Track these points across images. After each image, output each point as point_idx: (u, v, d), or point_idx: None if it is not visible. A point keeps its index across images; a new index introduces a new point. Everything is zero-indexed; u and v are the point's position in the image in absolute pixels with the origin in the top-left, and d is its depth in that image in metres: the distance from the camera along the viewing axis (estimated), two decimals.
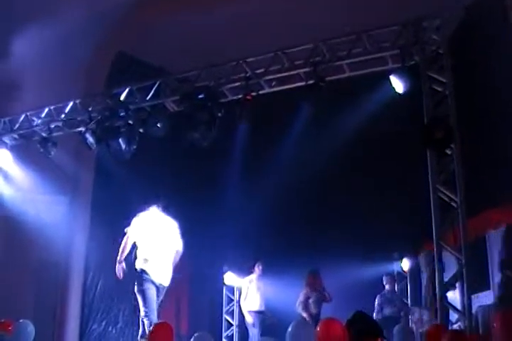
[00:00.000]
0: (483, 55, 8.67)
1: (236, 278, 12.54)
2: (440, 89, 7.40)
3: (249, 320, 10.68)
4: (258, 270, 10.89)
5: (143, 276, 7.36)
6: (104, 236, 10.27)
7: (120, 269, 7.42)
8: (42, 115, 10.03)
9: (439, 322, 6.85)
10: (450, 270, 7.16)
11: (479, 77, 8.75)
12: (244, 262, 11.69)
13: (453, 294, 7.15)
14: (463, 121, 7.29)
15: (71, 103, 9.82)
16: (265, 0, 10.00)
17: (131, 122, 9.27)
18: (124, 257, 7.47)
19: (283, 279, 11.09)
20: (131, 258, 7.58)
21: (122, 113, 9.24)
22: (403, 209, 10.67)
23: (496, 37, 8.32)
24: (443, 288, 6.85)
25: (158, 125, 9.05)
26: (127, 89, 9.39)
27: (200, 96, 8.70)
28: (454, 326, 7.78)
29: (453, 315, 7.32)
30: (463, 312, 6.70)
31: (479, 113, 8.65)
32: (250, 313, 10.72)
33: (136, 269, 7.44)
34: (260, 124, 9.78)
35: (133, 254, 7.58)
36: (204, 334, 9.89)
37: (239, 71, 8.75)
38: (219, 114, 8.70)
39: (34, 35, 10.30)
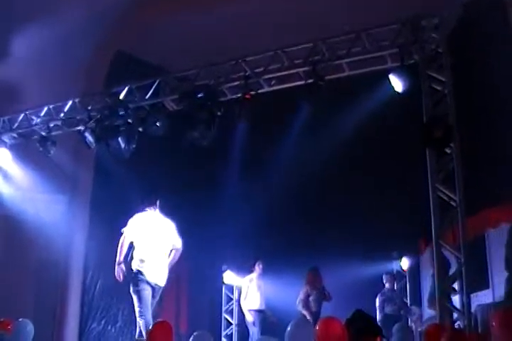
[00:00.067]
0: (482, 53, 8.67)
1: (235, 277, 12.55)
2: (439, 88, 7.39)
3: (249, 319, 10.69)
4: (258, 269, 10.89)
5: (138, 277, 7.37)
6: (103, 235, 10.26)
7: (119, 271, 7.42)
8: (41, 114, 10.02)
9: (439, 321, 6.84)
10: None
11: (478, 76, 8.75)
12: (243, 261, 11.70)
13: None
14: (462, 120, 7.29)
15: (70, 102, 9.81)
16: None
17: (130, 121, 9.26)
18: (123, 258, 7.48)
19: (283, 278, 11.11)
20: (128, 258, 7.59)
21: (121, 112, 9.23)
22: (402, 208, 10.68)
23: (495, 35, 8.32)
24: (444, 287, 6.86)
25: (157, 124, 9.04)
26: (126, 88, 9.38)
27: (199, 95, 8.70)
28: (453, 325, 7.80)
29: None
30: (462, 311, 6.70)
31: (479, 112, 8.64)
32: (250, 312, 10.73)
33: (132, 270, 7.45)
34: (259, 123, 9.78)
35: (130, 255, 7.59)
36: (203, 333, 9.89)
37: (238, 70, 8.74)
38: (218, 113, 8.69)
39: (33, 34, 10.30)
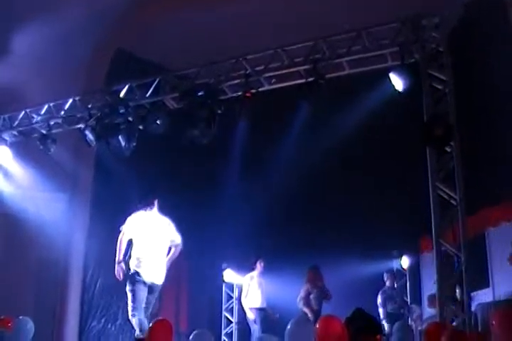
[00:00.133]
0: (482, 53, 8.67)
1: (235, 276, 12.55)
2: (440, 86, 7.39)
3: (250, 317, 10.68)
4: (260, 267, 10.89)
5: (135, 278, 7.39)
6: (103, 233, 10.26)
7: (119, 270, 7.43)
8: (41, 112, 10.02)
9: (439, 319, 6.85)
10: None
11: (479, 75, 8.75)
12: (243, 259, 11.69)
13: None
14: (462, 119, 7.29)
15: (71, 100, 9.81)
16: None
17: (130, 119, 9.26)
18: (122, 257, 7.49)
19: (283, 277, 11.10)
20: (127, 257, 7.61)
21: (122, 110, 9.24)
22: (402, 207, 10.68)
23: (496, 34, 8.33)
24: (445, 286, 6.87)
25: (157, 122, 9.04)
26: (127, 86, 9.38)
27: (199, 93, 8.70)
28: (453, 324, 7.81)
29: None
30: (462, 309, 6.70)
31: (479, 111, 8.65)
32: (252, 310, 10.73)
33: (129, 269, 7.46)
34: (260, 122, 9.78)
35: (128, 253, 7.60)
36: (203, 331, 9.90)
37: (239, 68, 8.73)
38: (219, 112, 8.69)
39: (34, 32, 10.30)
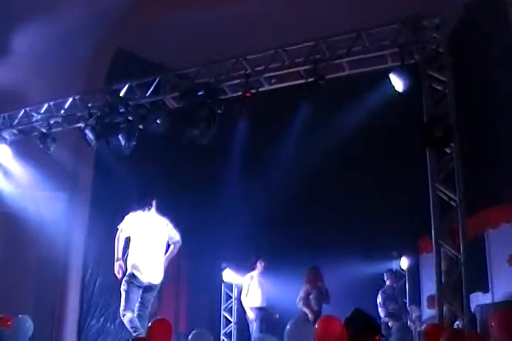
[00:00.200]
0: (482, 53, 8.66)
1: (235, 276, 12.56)
2: (440, 87, 7.39)
3: (250, 316, 10.69)
4: (260, 266, 10.89)
5: (130, 279, 7.40)
6: (103, 232, 10.25)
7: (118, 268, 7.43)
8: (41, 111, 10.02)
9: (438, 321, 6.85)
10: None
11: (479, 76, 8.74)
12: (243, 259, 11.70)
13: None
14: (462, 120, 7.28)
15: (71, 99, 9.81)
16: None
17: (130, 118, 9.26)
18: (121, 254, 7.50)
19: (282, 277, 11.09)
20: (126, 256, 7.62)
21: (122, 109, 9.24)
22: (402, 207, 10.68)
23: (496, 35, 8.32)
24: (444, 288, 6.88)
25: (157, 121, 9.04)
26: (127, 85, 9.38)
27: (199, 93, 8.69)
28: (452, 325, 7.80)
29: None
30: (461, 311, 6.70)
31: (479, 112, 8.64)
32: (252, 309, 10.73)
33: (126, 269, 7.47)
34: (260, 122, 9.78)
35: (126, 252, 7.61)
36: (203, 331, 9.90)
37: (239, 68, 8.73)
38: (219, 111, 8.68)
39: (34, 32, 10.30)
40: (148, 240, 7.63)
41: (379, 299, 10.45)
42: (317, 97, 8.18)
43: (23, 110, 10.12)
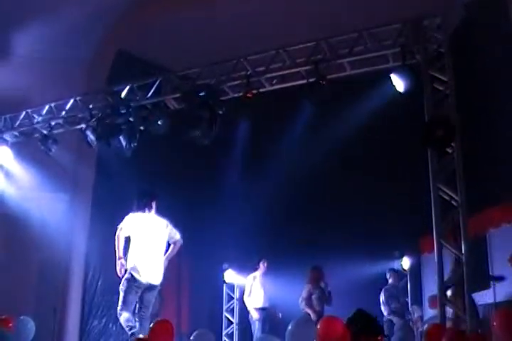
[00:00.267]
0: (484, 54, 8.67)
1: (236, 276, 12.55)
2: (441, 87, 7.38)
3: (254, 316, 10.68)
4: (263, 267, 10.90)
5: (130, 280, 7.40)
6: (104, 233, 10.23)
7: (120, 266, 7.44)
8: (43, 112, 10.02)
9: (440, 321, 6.85)
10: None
11: (480, 76, 8.74)
12: (245, 260, 11.70)
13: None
14: (464, 120, 7.28)
15: (72, 100, 9.81)
16: None
17: (131, 120, 9.25)
18: (122, 253, 7.51)
19: (284, 277, 11.09)
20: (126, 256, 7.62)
21: (123, 110, 9.23)
22: (403, 207, 10.68)
23: (497, 35, 8.32)
24: (445, 288, 6.87)
25: (159, 122, 9.04)
26: (128, 86, 9.37)
27: (201, 93, 8.69)
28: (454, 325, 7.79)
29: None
30: (463, 311, 6.70)
31: (480, 112, 8.64)
32: (254, 310, 10.73)
33: (126, 269, 7.48)
34: (261, 122, 9.79)
35: (126, 251, 7.62)
36: (205, 331, 9.90)
37: (240, 69, 8.72)
38: (220, 112, 8.68)
39: (35, 33, 10.31)
40: (147, 241, 7.64)
41: (382, 297, 10.44)
42: (318, 98, 8.17)
43: (24, 112, 10.11)
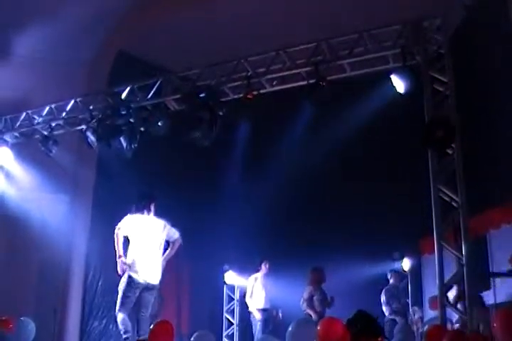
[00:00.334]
0: (484, 54, 8.66)
1: (237, 277, 12.55)
2: (441, 88, 7.39)
3: (257, 317, 10.68)
4: (265, 268, 10.89)
5: (128, 281, 7.42)
6: (105, 234, 10.19)
7: (121, 264, 7.45)
8: (43, 113, 10.02)
9: (440, 322, 6.84)
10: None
11: (480, 76, 8.74)
12: (245, 261, 11.70)
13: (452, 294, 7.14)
14: (464, 121, 7.28)
15: (72, 101, 9.81)
16: None
17: (132, 121, 9.25)
18: (122, 251, 7.53)
19: (284, 278, 11.09)
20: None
21: (123, 111, 9.23)
22: (404, 208, 10.67)
23: (497, 36, 8.31)
24: (446, 289, 6.87)
25: (159, 124, 9.03)
26: (128, 87, 9.37)
27: (201, 95, 8.69)
28: (455, 326, 7.80)
29: (453, 315, 7.35)
30: (464, 312, 6.70)
31: (480, 112, 8.64)
32: (257, 310, 10.74)
33: (129, 266, 7.48)
34: (261, 123, 9.79)
35: (126, 250, 7.63)
36: (205, 333, 9.90)
37: (240, 70, 8.72)
38: (220, 113, 8.69)
39: (36, 34, 10.31)
40: (145, 241, 7.66)
41: (383, 298, 10.43)
42: (318, 99, 8.17)
43: (25, 113, 10.12)
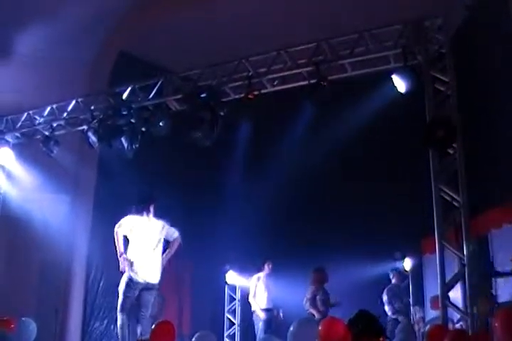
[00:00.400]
0: (485, 54, 8.66)
1: (238, 277, 12.56)
2: (442, 88, 7.39)
3: (261, 316, 10.68)
4: (268, 268, 10.90)
5: (128, 282, 7.43)
6: (106, 234, 10.18)
7: (124, 262, 7.45)
8: (44, 114, 10.03)
9: (442, 321, 6.84)
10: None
11: (482, 76, 8.73)
12: (247, 261, 11.70)
13: (454, 294, 7.13)
14: (465, 120, 7.28)
15: (73, 102, 9.82)
16: None
17: (133, 121, 9.26)
18: (123, 249, 7.54)
19: (285, 278, 11.09)
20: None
21: (125, 112, 9.24)
22: (405, 208, 10.67)
23: (499, 36, 8.31)
24: (447, 289, 6.87)
25: (160, 124, 9.04)
26: (129, 88, 9.38)
27: (202, 95, 8.69)
28: (456, 326, 7.80)
29: (455, 315, 7.34)
30: (465, 311, 6.70)
31: (482, 112, 8.63)
32: (261, 310, 10.74)
33: (131, 263, 7.49)
34: (262, 123, 9.79)
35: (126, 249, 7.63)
36: (207, 333, 9.90)
37: (241, 70, 8.73)
38: (221, 113, 8.69)
39: (37, 34, 10.32)
40: (144, 241, 7.67)
41: (385, 297, 10.42)
42: (319, 99, 8.16)
43: (26, 113, 10.13)
